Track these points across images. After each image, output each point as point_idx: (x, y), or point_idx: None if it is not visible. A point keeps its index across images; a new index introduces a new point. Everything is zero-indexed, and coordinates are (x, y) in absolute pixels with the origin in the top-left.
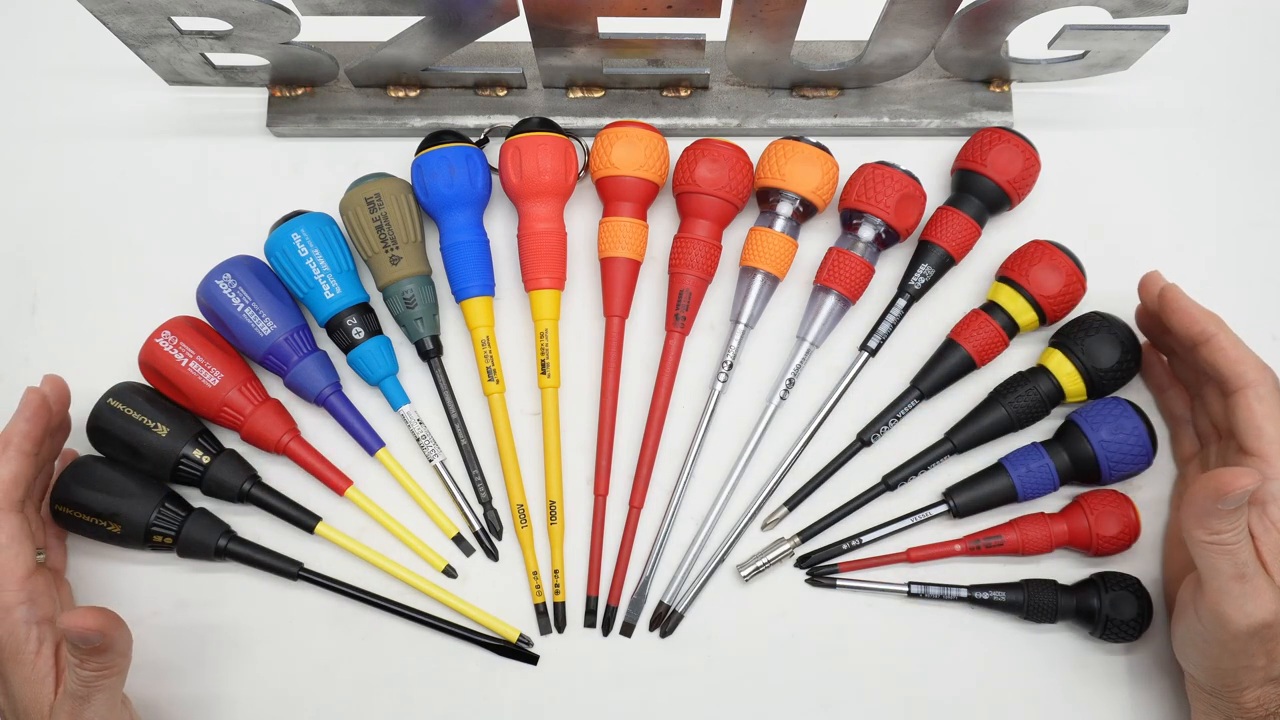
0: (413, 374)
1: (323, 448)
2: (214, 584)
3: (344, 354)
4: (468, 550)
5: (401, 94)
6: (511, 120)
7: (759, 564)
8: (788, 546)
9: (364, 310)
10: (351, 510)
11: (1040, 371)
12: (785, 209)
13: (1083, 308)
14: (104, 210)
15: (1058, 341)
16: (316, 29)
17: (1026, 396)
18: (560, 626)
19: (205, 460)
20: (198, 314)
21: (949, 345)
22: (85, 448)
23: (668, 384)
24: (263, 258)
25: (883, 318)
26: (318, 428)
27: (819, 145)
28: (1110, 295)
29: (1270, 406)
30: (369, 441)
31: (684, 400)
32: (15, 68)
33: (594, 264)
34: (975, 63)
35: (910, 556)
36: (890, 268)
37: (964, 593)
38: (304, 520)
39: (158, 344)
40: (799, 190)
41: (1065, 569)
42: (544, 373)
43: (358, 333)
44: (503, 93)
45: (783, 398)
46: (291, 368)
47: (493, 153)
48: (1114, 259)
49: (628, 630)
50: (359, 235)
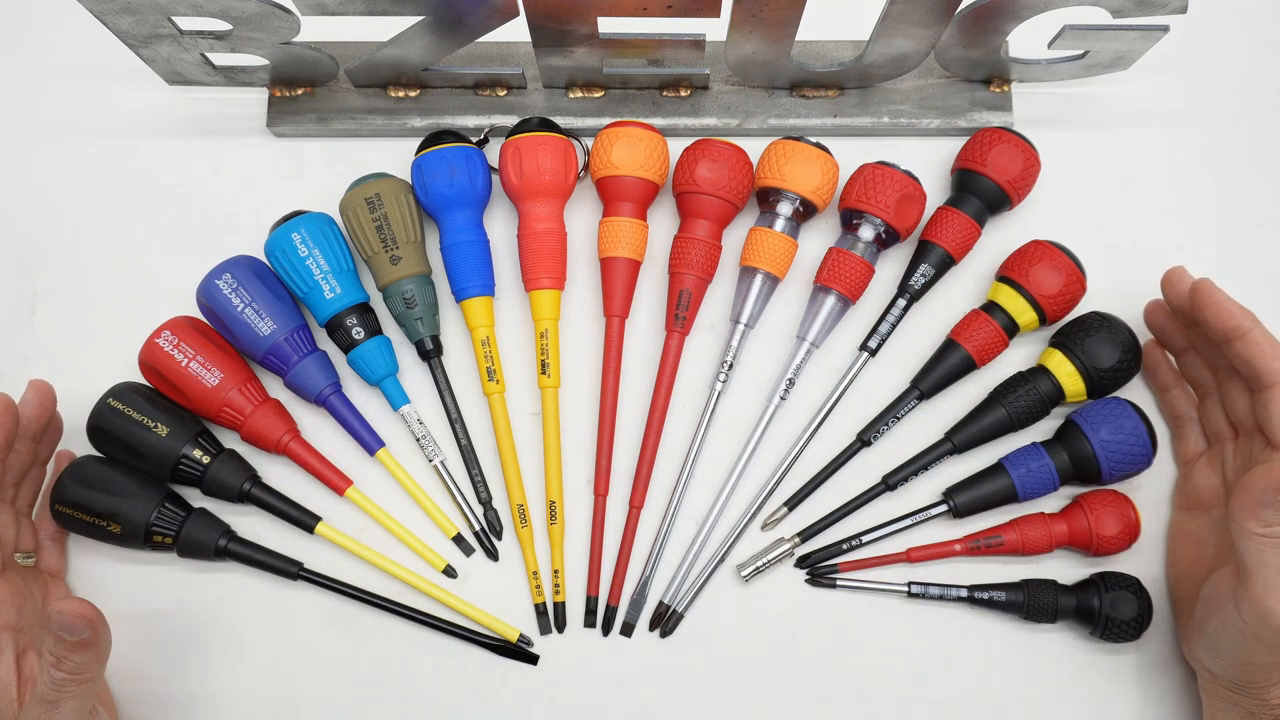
0: (413, 374)
1: (323, 448)
2: (214, 584)
3: (344, 354)
4: (468, 550)
5: (401, 94)
6: (511, 120)
7: (759, 564)
8: (788, 546)
9: (364, 310)
10: (351, 510)
11: (1040, 371)
12: (785, 209)
13: (1083, 308)
14: (104, 210)
15: (1058, 341)
16: (316, 29)
17: (1026, 396)
18: (560, 626)
19: (205, 460)
20: (198, 314)
21: (949, 345)
22: (85, 448)
23: (668, 384)
24: (263, 258)
25: (883, 318)
26: (318, 428)
27: (819, 145)
28: (1110, 295)
29: None
30: (369, 441)
31: (684, 400)
32: (15, 68)
33: (594, 264)
34: (975, 63)
35: (910, 556)
36: (890, 268)
37: (964, 593)
38: (304, 520)
39: (158, 344)
40: (799, 190)
41: (1065, 569)
42: (544, 373)
43: (358, 333)
44: (503, 93)
45: (783, 398)
46: (291, 368)
47: (493, 153)
48: (1114, 259)
49: (628, 630)
50: (359, 235)
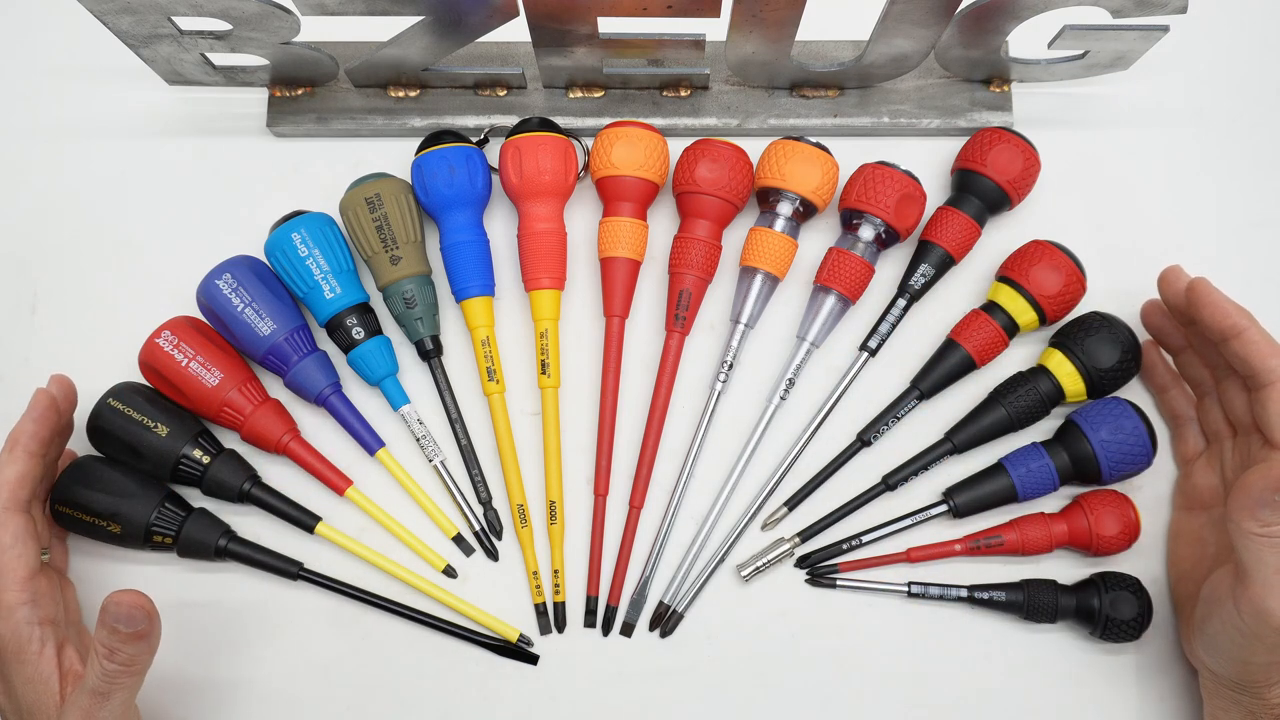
0: (413, 374)
1: (323, 448)
2: (214, 584)
3: (344, 354)
4: (468, 550)
5: (401, 94)
6: (511, 120)
7: (759, 564)
8: (788, 546)
9: (364, 310)
10: (351, 510)
11: (1040, 371)
12: (785, 209)
13: (1083, 308)
14: (104, 210)
15: (1058, 341)
16: (316, 29)
17: (1026, 396)
18: (560, 626)
19: (205, 460)
20: (198, 314)
21: (949, 345)
22: (85, 448)
23: (668, 384)
24: (263, 258)
25: (883, 318)
26: (318, 428)
27: (819, 145)
28: (1110, 295)
29: None
30: (369, 441)
31: (684, 400)
32: (15, 68)
33: (594, 264)
34: (975, 63)
35: (910, 556)
36: (890, 268)
37: (964, 593)
38: (304, 520)
39: (158, 344)
40: (799, 190)
41: (1065, 569)
42: (544, 373)
43: (358, 333)
44: (503, 93)
45: (783, 398)
46: (291, 368)
47: (493, 153)
48: (1114, 259)
49: (628, 630)
50: (359, 235)
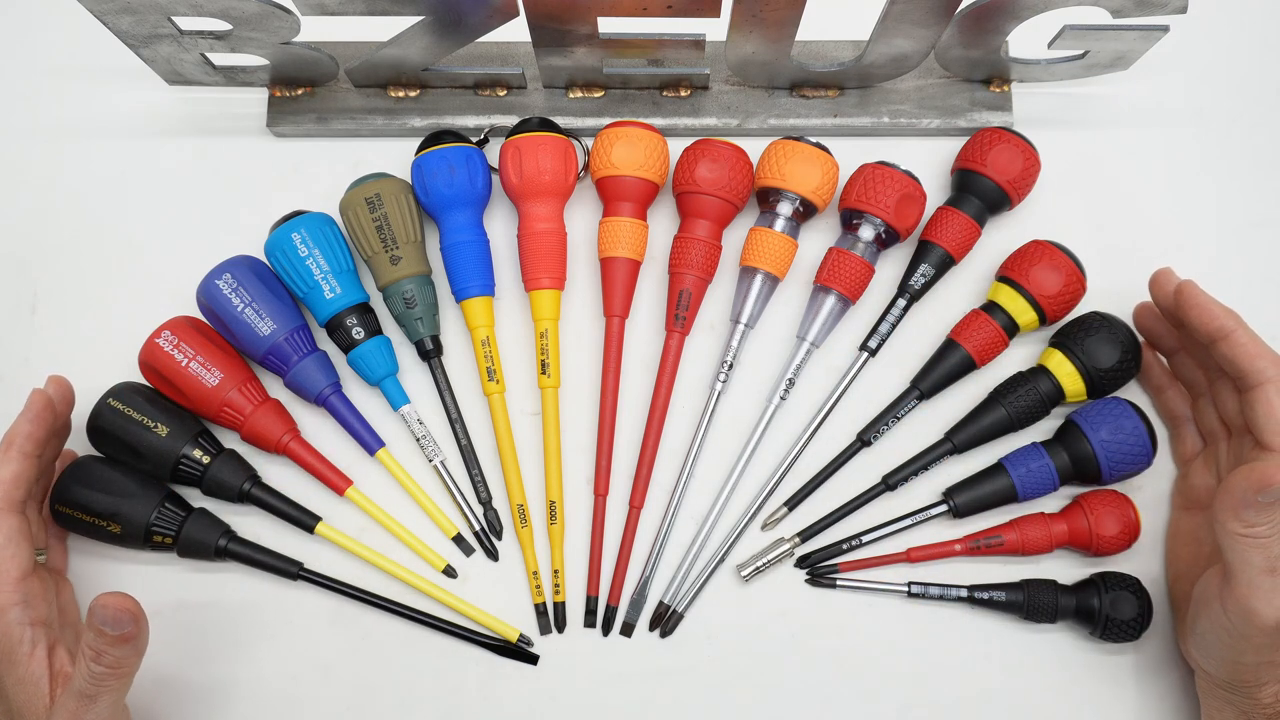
0: (413, 374)
1: (323, 448)
2: (214, 584)
3: (344, 354)
4: (468, 550)
5: (401, 94)
6: (511, 120)
7: (759, 564)
8: (788, 546)
9: (364, 310)
10: (351, 510)
11: (1040, 371)
12: (785, 209)
13: (1083, 308)
14: (104, 210)
15: (1058, 341)
16: (316, 29)
17: (1026, 396)
18: (560, 626)
19: (205, 460)
20: (198, 314)
21: (949, 345)
22: (85, 448)
23: (668, 384)
24: (263, 258)
25: (883, 318)
26: (318, 428)
27: (819, 145)
28: (1110, 295)
29: None
30: (369, 441)
31: (684, 400)
32: (15, 68)
33: (594, 264)
34: (975, 63)
35: (910, 556)
36: (890, 268)
37: (964, 593)
38: (304, 520)
39: (158, 344)
40: (799, 190)
41: (1065, 569)
42: (544, 373)
43: (358, 333)
44: (503, 93)
45: (783, 398)
46: (291, 368)
47: (493, 153)
48: (1114, 259)
49: (628, 630)
50: (359, 235)
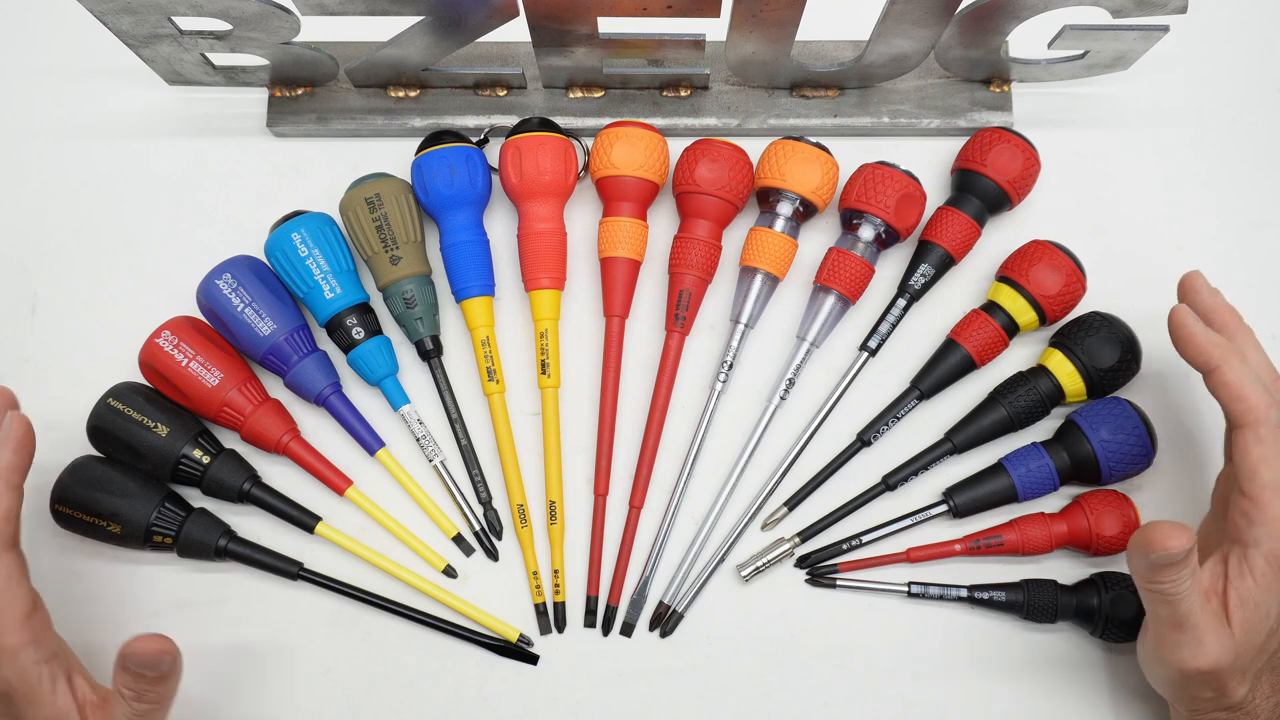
0: (413, 374)
1: (323, 448)
2: (214, 584)
3: (344, 354)
4: (468, 550)
5: (401, 94)
6: (511, 120)
7: (759, 564)
8: (788, 546)
9: (364, 310)
10: (351, 510)
11: (1040, 371)
12: (785, 209)
13: (1083, 308)
14: (104, 210)
15: (1058, 341)
16: (316, 29)
17: (1026, 396)
18: (560, 626)
19: (205, 460)
20: (198, 314)
21: (949, 345)
22: (85, 448)
23: (668, 384)
24: (263, 258)
25: (883, 318)
26: (318, 428)
27: (819, 145)
28: (1110, 295)
29: (1269, 449)
30: (369, 441)
31: (684, 400)
32: (15, 68)
33: (594, 264)
34: (975, 63)
35: (910, 556)
36: (890, 268)
37: (964, 593)
38: (304, 520)
39: (158, 344)
40: (799, 190)
41: (1065, 569)
42: (544, 373)
43: (358, 333)
44: (503, 93)
45: (783, 398)
46: (291, 368)
47: (493, 153)
48: (1115, 259)
49: (628, 630)
50: (359, 235)
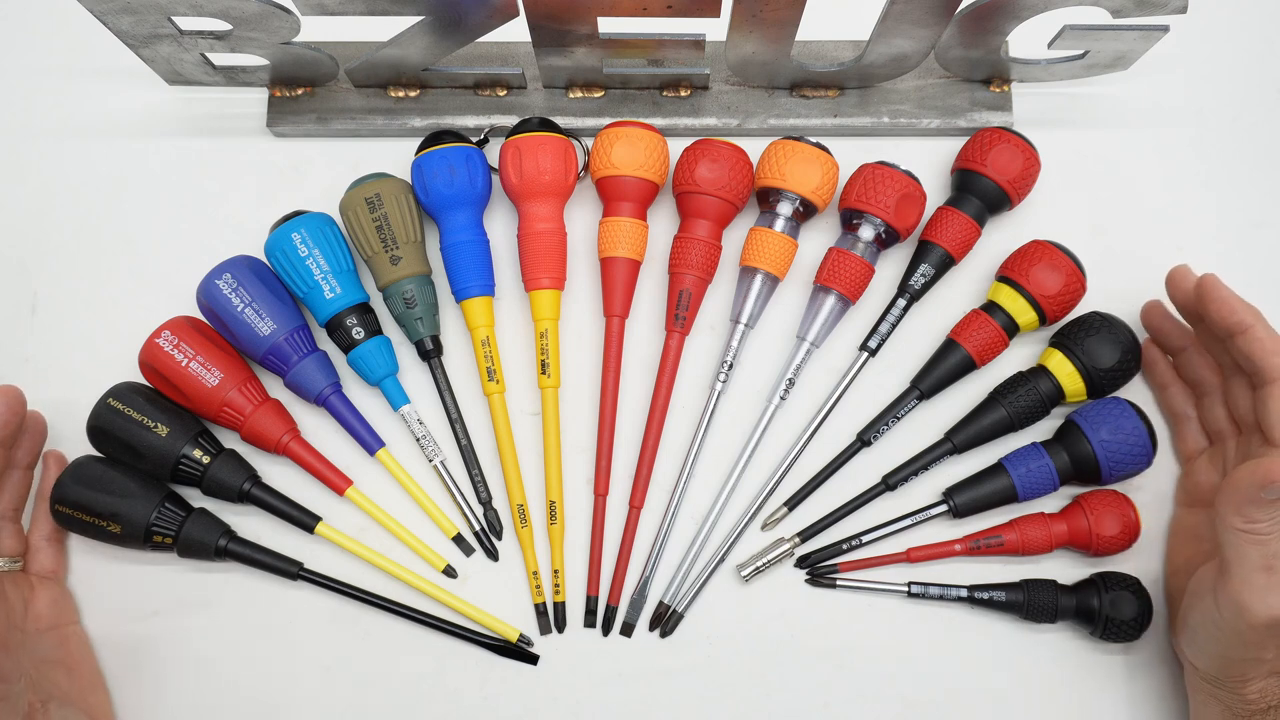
0: (413, 374)
1: (323, 448)
2: (214, 584)
3: (344, 354)
4: (468, 550)
5: (401, 94)
6: (511, 120)
7: (759, 564)
8: (788, 546)
9: (364, 310)
10: (351, 510)
11: (1040, 371)
12: (785, 209)
13: (1083, 308)
14: (104, 210)
15: (1058, 341)
16: (316, 29)
17: (1026, 396)
18: (560, 626)
19: (205, 460)
20: (198, 314)
21: (949, 345)
22: (85, 448)
23: (668, 384)
24: (263, 258)
25: (883, 318)
26: (318, 428)
27: (819, 145)
28: (1110, 295)
29: None
30: (369, 441)
31: (684, 400)
32: (14, 68)
33: (594, 264)
34: (975, 63)
35: (910, 556)
36: (890, 268)
37: (964, 593)
38: (304, 520)
39: (158, 344)
40: (799, 190)
41: (1065, 569)
42: (544, 373)
43: (358, 333)
44: (503, 93)
45: (783, 398)
46: (291, 368)
47: (493, 153)
48: (1114, 259)
49: (628, 630)
50: (359, 235)
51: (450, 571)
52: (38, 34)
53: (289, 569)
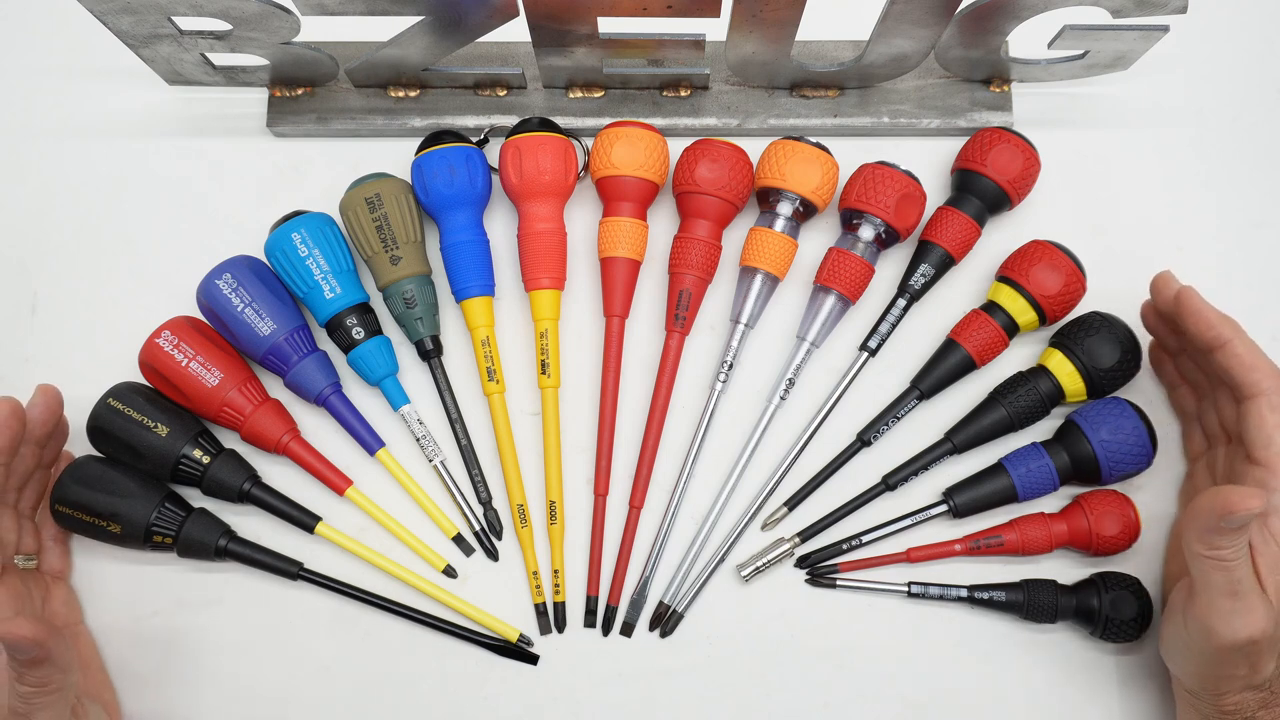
0: (413, 374)
1: (323, 448)
2: (214, 584)
3: (344, 354)
4: (468, 550)
5: (401, 94)
6: (511, 120)
7: (759, 564)
8: (788, 546)
9: (364, 310)
10: (351, 510)
11: (1040, 371)
12: (785, 209)
13: (1083, 308)
14: (104, 210)
15: (1058, 341)
16: (316, 29)
17: (1026, 396)
18: (560, 626)
19: (205, 460)
20: (198, 314)
21: (949, 345)
22: (85, 448)
23: (668, 384)
24: (263, 258)
25: (883, 318)
26: (318, 428)
27: (819, 145)
28: (1110, 295)
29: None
30: (369, 441)
31: (684, 400)
32: (14, 68)
33: (594, 264)
34: (975, 63)
35: (910, 556)
36: (890, 268)
37: (964, 593)
38: (304, 520)
39: (158, 344)
40: (799, 190)
41: (1065, 569)
42: (544, 373)
43: (358, 333)
44: (503, 93)
45: (783, 398)
46: (291, 368)
47: (493, 153)
48: (1114, 259)
49: (628, 630)
50: (359, 235)
51: (450, 571)
52: (38, 34)
53: (289, 569)
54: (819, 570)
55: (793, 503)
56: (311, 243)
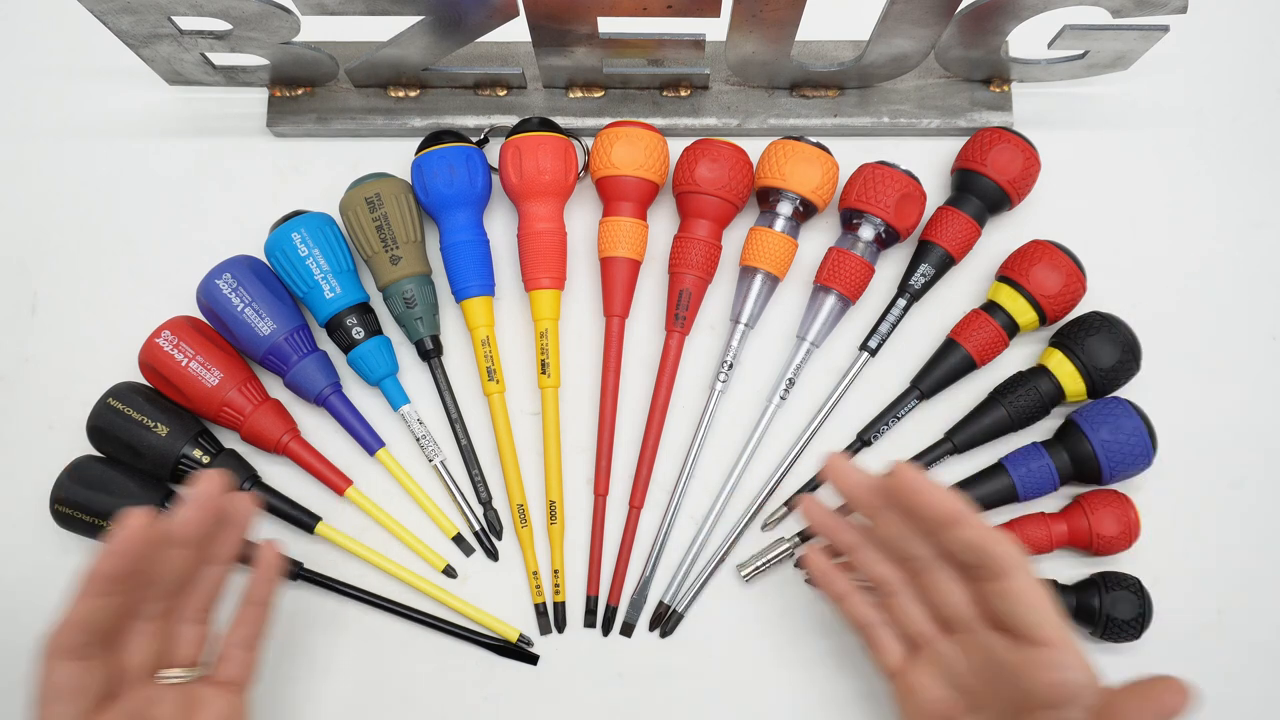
0: (413, 374)
1: (323, 448)
2: None
3: (344, 354)
4: (468, 550)
5: (401, 94)
6: (511, 120)
7: (759, 564)
8: (788, 546)
9: (364, 310)
10: (351, 510)
11: (1040, 371)
12: (785, 209)
13: (1083, 308)
14: (104, 210)
15: (1058, 341)
16: (316, 29)
17: (1026, 396)
18: (560, 626)
19: (205, 460)
20: (198, 314)
21: (949, 345)
22: (85, 448)
23: (668, 384)
24: (263, 258)
25: (883, 318)
26: (318, 428)
27: (819, 145)
28: (1110, 295)
29: (1041, 588)
30: (369, 441)
31: (684, 400)
32: (15, 68)
33: (594, 264)
34: (975, 63)
35: None
36: (890, 268)
37: None
38: (304, 520)
39: (158, 344)
40: (799, 190)
41: (1065, 569)
42: (544, 373)
43: (358, 333)
44: (503, 93)
45: (783, 398)
46: (291, 368)
47: (493, 153)
48: (1114, 259)
49: (628, 630)
50: (359, 235)
51: (450, 571)
52: (38, 34)
53: (289, 569)
54: None
55: (793, 503)
56: (311, 242)
